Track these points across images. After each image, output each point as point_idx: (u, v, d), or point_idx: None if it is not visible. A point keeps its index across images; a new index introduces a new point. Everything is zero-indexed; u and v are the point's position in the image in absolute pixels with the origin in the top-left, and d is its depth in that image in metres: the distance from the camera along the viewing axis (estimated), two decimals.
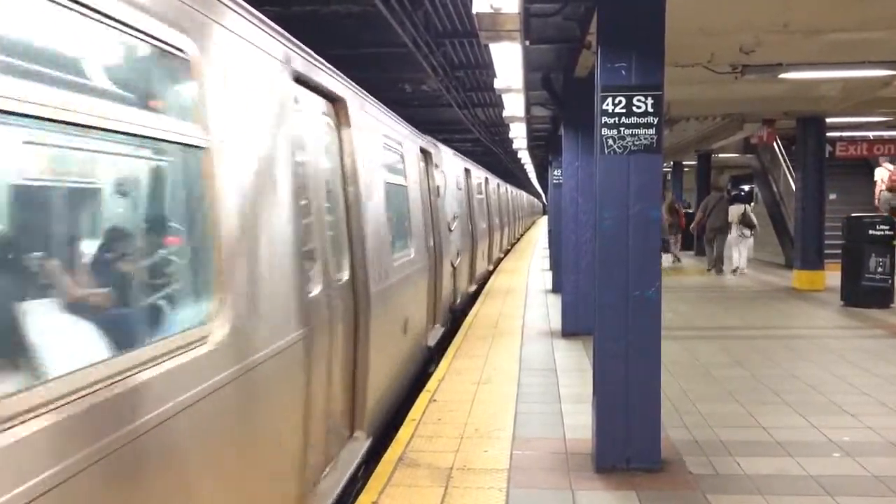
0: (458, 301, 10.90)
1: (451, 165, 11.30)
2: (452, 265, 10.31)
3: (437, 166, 9.72)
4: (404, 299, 6.48)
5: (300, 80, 3.93)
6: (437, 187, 9.61)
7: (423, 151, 8.87)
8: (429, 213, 8.82)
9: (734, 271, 15.82)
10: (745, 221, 15.70)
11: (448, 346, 8.68)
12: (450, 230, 10.23)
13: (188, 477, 2.47)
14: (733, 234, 15.88)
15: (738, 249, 15.77)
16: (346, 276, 4.69)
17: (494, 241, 18.86)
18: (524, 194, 45.06)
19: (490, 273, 17.16)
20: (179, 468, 2.40)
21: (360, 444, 4.82)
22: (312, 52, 4.16)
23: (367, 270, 4.96)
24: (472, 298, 12.91)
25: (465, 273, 12.09)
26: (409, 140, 7.78)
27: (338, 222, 4.72)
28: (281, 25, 3.69)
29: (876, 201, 16.68)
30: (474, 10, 4.76)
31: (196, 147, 2.65)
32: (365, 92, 5.61)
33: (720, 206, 16.13)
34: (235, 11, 3.06)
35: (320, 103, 4.50)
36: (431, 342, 8.32)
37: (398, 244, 6.58)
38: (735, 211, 15.98)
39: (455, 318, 10.57)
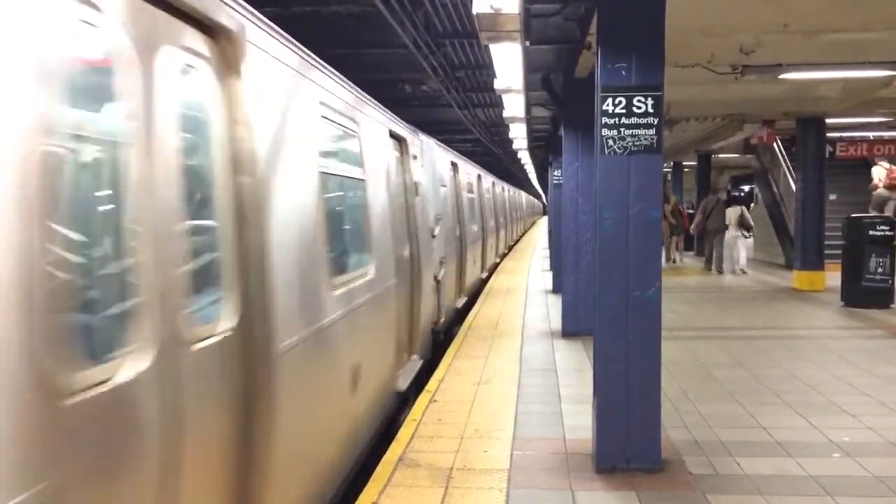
0: (442, 320, 9.09)
1: (435, 158, 9.45)
2: (436, 279, 8.56)
3: (415, 157, 7.87)
4: (354, 340, 4.67)
5: None
6: (416, 184, 7.80)
7: (396, 137, 6.94)
8: (403, 216, 7.10)
9: (734, 271, 16.21)
10: (742, 223, 16.17)
11: (425, 382, 7.06)
12: (432, 236, 8.53)
13: None
14: (730, 234, 16.27)
15: (738, 249, 16.19)
16: (226, 325, 2.85)
17: (488, 246, 16.98)
18: (523, 194, 44.62)
19: (484, 281, 15.73)
20: None
21: None
22: None
23: (271, 312, 3.11)
24: (461, 314, 11.16)
25: (451, 286, 10.18)
26: (371, 119, 5.88)
27: (217, 234, 2.89)
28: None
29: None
30: (474, 11, 4.77)
31: None
32: (288, 36, 3.79)
33: (718, 207, 16.54)
34: None
35: (179, 31, 2.62)
36: (403, 384, 6.34)
37: (348, 260, 4.99)
38: (732, 213, 16.39)
39: (436, 341, 8.79)
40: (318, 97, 4.27)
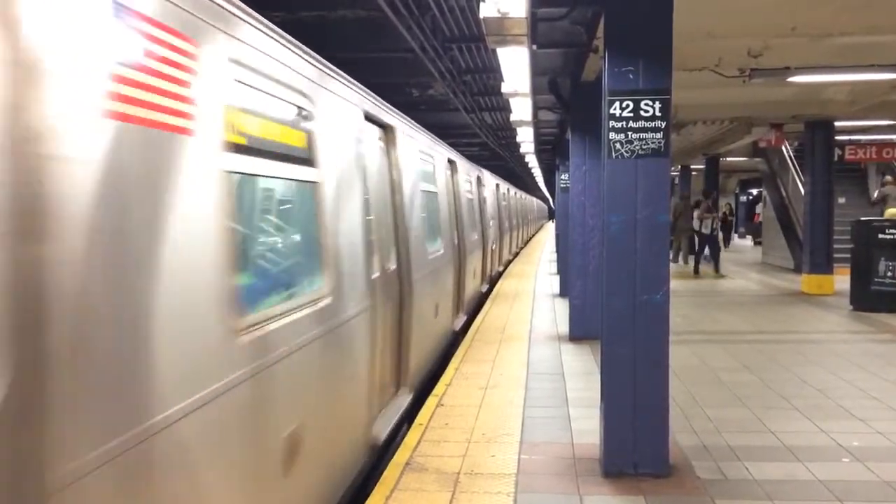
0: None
1: (425, 154, 7.74)
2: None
3: (396, 148, 6.31)
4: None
5: None
6: (399, 181, 6.41)
7: (375, 122, 5.66)
8: (389, 218, 6.05)
9: (704, 261, 18.71)
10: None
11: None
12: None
13: None
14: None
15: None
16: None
17: (490, 254, 15.35)
18: (531, 198, 44.00)
19: (486, 294, 14.24)
20: None
21: None
22: None
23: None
24: (455, 340, 9.55)
25: (447, 309, 8.64)
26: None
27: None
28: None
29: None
30: (481, 15, 4.76)
31: None
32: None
33: (687, 211, 19.12)
34: None
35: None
36: (382, 431, 5.17)
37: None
38: (698, 215, 18.82)
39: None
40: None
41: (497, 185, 19.42)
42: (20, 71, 1.75)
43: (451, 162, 10.24)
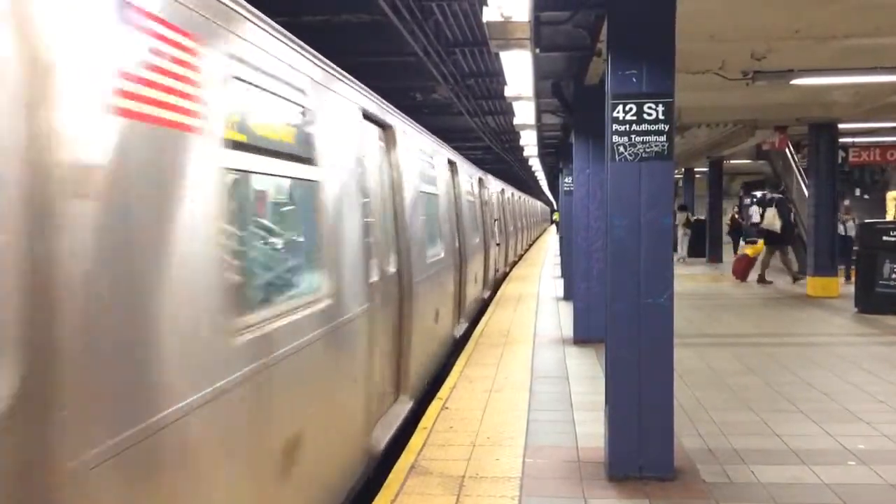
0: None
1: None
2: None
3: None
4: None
5: None
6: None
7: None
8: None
9: (680, 259, 20.32)
10: (687, 223, 21.83)
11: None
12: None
13: None
14: (679, 233, 21.53)
15: (682, 244, 21.73)
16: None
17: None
18: (525, 196, 41.99)
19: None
20: None
21: None
22: None
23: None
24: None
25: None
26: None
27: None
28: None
29: None
30: (484, 19, 4.77)
31: None
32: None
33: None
34: None
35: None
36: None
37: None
38: (681, 216, 21.27)
39: None
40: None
41: (480, 179, 14.77)
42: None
43: (386, 128, 6.08)
